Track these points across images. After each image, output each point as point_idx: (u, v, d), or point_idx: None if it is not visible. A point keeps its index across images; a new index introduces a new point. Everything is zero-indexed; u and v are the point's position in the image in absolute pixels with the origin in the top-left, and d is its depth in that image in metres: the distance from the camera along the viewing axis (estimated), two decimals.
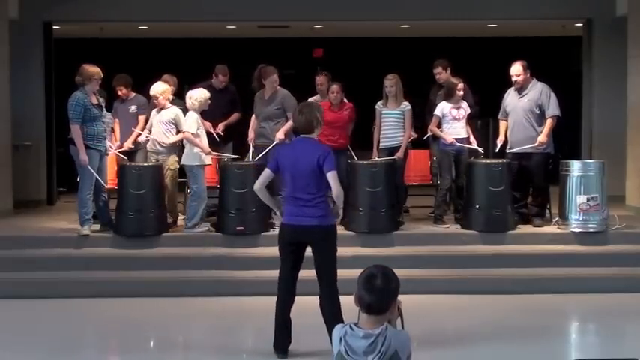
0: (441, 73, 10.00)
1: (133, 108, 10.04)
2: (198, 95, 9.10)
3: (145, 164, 9.39)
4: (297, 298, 7.71)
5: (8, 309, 7.93)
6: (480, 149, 9.57)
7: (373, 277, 3.44)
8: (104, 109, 9.23)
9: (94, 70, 9.00)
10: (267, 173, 6.28)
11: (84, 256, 8.85)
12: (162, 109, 9.42)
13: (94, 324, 7.70)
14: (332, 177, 6.04)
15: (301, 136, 6.33)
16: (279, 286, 6.36)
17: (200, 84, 9.69)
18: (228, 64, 10.10)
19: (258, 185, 6.27)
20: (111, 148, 9.49)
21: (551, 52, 13.91)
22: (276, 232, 9.12)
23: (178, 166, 9.35)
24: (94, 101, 9.03)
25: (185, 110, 9.47)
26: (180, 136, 9.22)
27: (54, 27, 12.33)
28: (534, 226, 9.28)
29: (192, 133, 8.98)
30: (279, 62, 9.96)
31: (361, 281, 3.46)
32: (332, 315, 5.98)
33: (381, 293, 3.42)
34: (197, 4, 11.87)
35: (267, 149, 9.27)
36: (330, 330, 5.13)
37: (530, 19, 12.25)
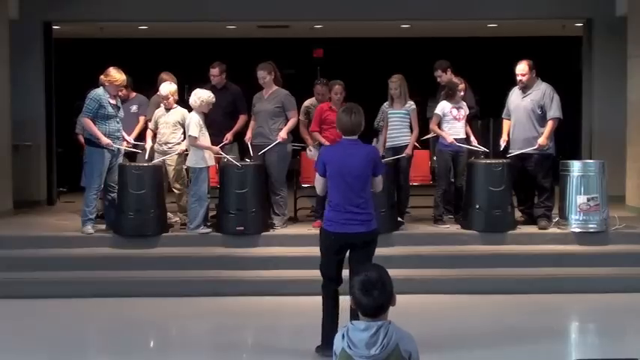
0: (442, 76, 10.00)
1: (134, 108, 10.07)
2: (203, 95, 9.09)
3: (145, 164, 9.39)
4: (297, 298, 7.76)
5: (8, 309, 7.93)
6: (483, 149, 9.57)
7: (371, 285, 3.43)
8: (121, 110, 9.27)
9: (118, 76, 9.09)
10: (322, 180, 6.09)
11: (84, 256, 8.85)
12: (169, 109, 9.45)
13: (94, 324, 7.70)
14: (380, 180, 6.15)
15: (346, 137, 6.12)
16: (326, 281, 6.21)
17: (204, 86, 9.66)
18: (228, 64, 10.08)
19: (322, 193, 6.21)
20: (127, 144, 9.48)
21: (551, 52, 13.90)
22: (276, 232, 9.27)
23: (184, 166, 9.35)
24: (113, 101, 9.09)
25: None
26: (186, 142, 9.20)
27: (54, 27, 12.34)
28: (539, 228, 9.26)
29: (194, 137, 8.95)
30: (279, 62, 9.95)
31: (358, 287, 3.45)
32: None
33: (379, 299, 3.42)
34: (197, 4, 11.87)
35: (268, 147, 9.28)
36: None
37: (531, 19, 12.25)
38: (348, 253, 6.17)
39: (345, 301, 5.85)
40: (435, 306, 7.96)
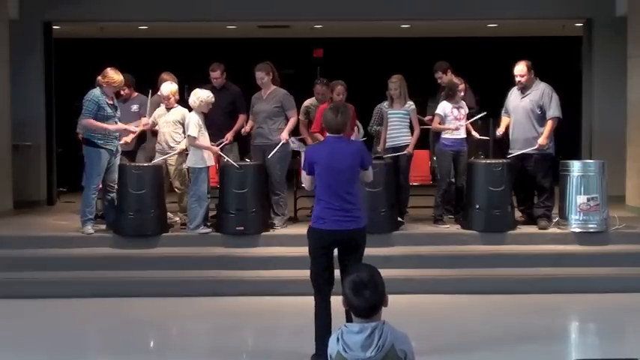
0: (442, 77, 10.01)
1: (134, 107, 10.08)
2: (202, 95, 9.09)
3: (145, 164, 9.40)
4: (297, 298, 7.76)
5: (8, 309, 7.93)
6: (485, 137, 9.59)
7: (362, 285, 3.40)
8: (118, 110, 9.27)
9: (116, 77, 9.08)
10: (310, 177, 6.09)
11: (84, 256, 8.85)
12: (170, 108, 9.46)
13: (94, 324, 7.71)
14: (371, 172, 6.23)
15: (331, 135, 6.11)
16: (317, 287, 6.08)
17: (204, 85, 9.66)
18: (228, 64, 10.08)
19: (311, 188, 6.17)
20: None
21: (551, 52, 13.90)
22: (276, 232, 9.27)
23: (185, 167, 9.35)
24: (110, 102, 9.09)
25: None
26: (185, 142, 9.21)
27: (54, 27, 12.33)
28: (539, 228, 9.26)
29: (194, 137, 8.95)
30: (279, 62, 9.94)
31: (349, 287, 3.42)
32: None
33: (372, 300, 3.40)
34: (197, 4, 11.86)
35: (275, 151, 9.24)
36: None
37: (530, 19, 12.25)
38: (337, 253, 6.09)
39: (338, 303, 5.88)
40: (435, 306, 7.96)
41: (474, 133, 9.68)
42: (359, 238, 6.06)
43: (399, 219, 9.44)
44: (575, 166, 9.21)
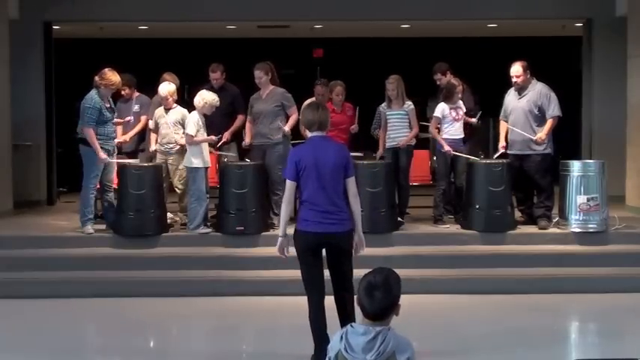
0: (441, 79, 10.01)
1: (135, 107, 10.10)
2: (207, 97, 9.11)
3: (145, 164, 9.40)
4: (297, 298, 7.74)
5: (8, 309, 7.93)
6: (474, 158, 9.48)
7: (375, 289, 3.41)
8: (116, 112, 9.27)
9: (114, 78, 9.07)
10: (291, 185, 5.86)
11: (84, 256, 8.85)
12: (169, 109, 9.47)
13: (94, 324, 7.71)
14: (353, 182, 5.90)
15: (316, 134, 5.93)
16: (309, 289, 5.98)
17: (203, 86, 9.66)
18: (228, 64, 10.09)
19: (288, 199, 5.93)
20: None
21: (551, 52, 13.90)
22: (276, 232, 9.23)
23: (182, 167, 9.34)
24: (107, 104, 9.10)
25: None
26: (184, 140, 9.23)
27: (54, 27, 12.35)
28: (539, 228, 9.26)
29: (192, 135, 8.97)
30: (279, 62, 9.95)
31: (363, 289, 3.43)
32: (352, 307, 5.73)
33: (382, 303, 3.40)
34: (197, 4, 11.87)
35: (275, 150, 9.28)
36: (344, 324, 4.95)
37: (530, 19, 12.25)
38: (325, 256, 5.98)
39: (332, 304, 5.91)
40: (435, 306, 7.96)
41: (470, 119, 9.63)
42: (344, 241, 5.90)
43: (399, 219, 9.45)
44: (575, 166, 9.21)
